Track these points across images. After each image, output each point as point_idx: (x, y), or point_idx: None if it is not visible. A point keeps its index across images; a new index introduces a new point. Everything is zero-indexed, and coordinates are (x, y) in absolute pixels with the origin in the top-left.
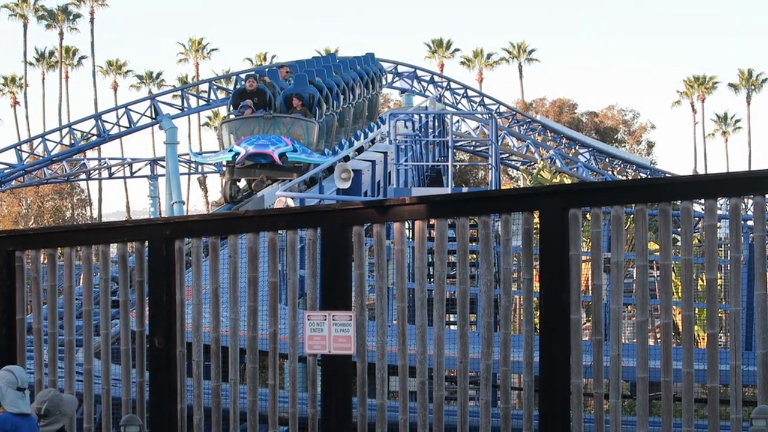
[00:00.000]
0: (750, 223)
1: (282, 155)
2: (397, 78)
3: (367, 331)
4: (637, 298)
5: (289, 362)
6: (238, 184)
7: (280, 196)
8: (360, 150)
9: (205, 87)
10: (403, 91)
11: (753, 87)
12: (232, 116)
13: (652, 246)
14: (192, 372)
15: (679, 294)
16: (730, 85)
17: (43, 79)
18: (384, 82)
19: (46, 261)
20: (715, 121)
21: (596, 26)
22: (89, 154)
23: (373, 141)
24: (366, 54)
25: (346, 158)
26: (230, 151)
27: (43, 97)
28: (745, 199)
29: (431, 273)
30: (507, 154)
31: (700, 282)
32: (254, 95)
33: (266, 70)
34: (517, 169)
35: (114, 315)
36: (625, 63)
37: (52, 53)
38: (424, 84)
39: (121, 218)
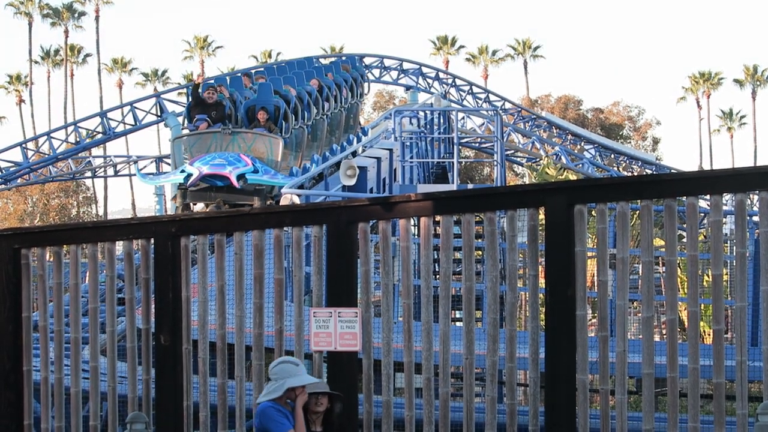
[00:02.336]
0: (756, 218)
1: (240, 177)
2: (402, 75)
3: (372, 328)
4: (643, 294)
5: None
6: (192, 208)
7: (285, 193)
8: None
9: None
10: (408, 87)
11: (758, 83)
12: (186, 131)
13: (658, 242)
14: (198, 369)
15: (685, 290)
16: (735, 80)
17: (49, 77)
18: (367, 89)
19: (51, 259)
20: (720, 117)
21: (601, 23)
22: (95, 151)
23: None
24: (348, 57)
25: (354, 153)
26: (182, 171)
27: (49, 95)
28: (751, 195)
29: (437, 269)
30: (512, 151)
31: (705, 278)
32: (213, 107)
33: (227, 78)
34: (523, 165)
35: (120, 312)
36: (631, 59)
37: (57, 51)
38: (430, 81)
39: (126, 216)
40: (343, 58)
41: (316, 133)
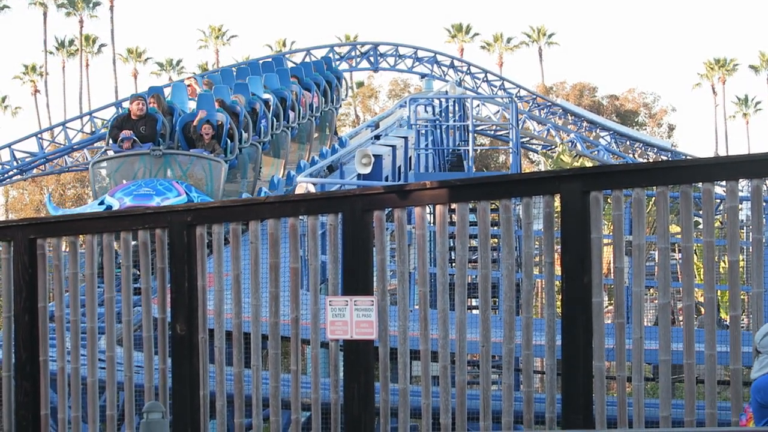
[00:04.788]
0: None
1: None
2: (417, 63)
3: (389, 316)
4: (659, 281)
5: (311, 348)
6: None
7: (300, 182)
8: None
9: None
10: (423, 75)
11: None
12: (110, 152)
13: (674, 228)
14: (214, 358)
15: (701, 276)
16: (751, 66)
17: (64, 67)
18: (344, 94)
19: (68, 249)
20: (735, 103)
21: (616, 9)
22: None
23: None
24: (321, 58)
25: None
26: (101, 203)
27: (64, 85)
28: (767, 181)
29: (453, 257)
30: (527, 138)
31: (722, 264)
32: (141, 123)
33: (168, 87)
34: (538, 152)
35: (136, 302)
36: (646, 46)
37: (72, 41)
38: (444, 68)
39: None
40: (318, 58)
41: (278, 149)
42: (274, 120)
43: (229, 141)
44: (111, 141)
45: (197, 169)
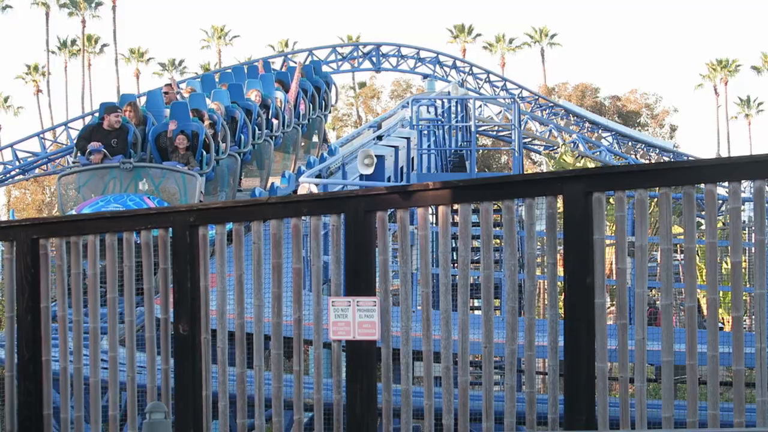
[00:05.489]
0: None
1: None
2: (419, 63)
3: (391, 317)
4: (662, 282)
5: (313, 348)
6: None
7: (303, 182)
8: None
9: None
10: (425, 76)
11: None
12: (77, 165)
13: (676, 229)
14: (217, 359)
15: (704, 277)
16: (753, 67)
17: (66, 67)
18: (334, 99)
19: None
20: (738, 104)
21: (618, 10)
22: None
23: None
24: (310, 62)
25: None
26: None
27: (66, 85)
28: None
29: (455, 258)
30: (530, 139)
31: (724, 265)
32: (112, 134)
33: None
34: (540, 153)
35: (138, 302)
36: (648, 46)
37: (74, 41)
38: (447, 69)
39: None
40: (308, 62)
41: (261, 159)
42: (256, 129)
43: (204, 152)
44: (79, 153)
45: (170, 183)
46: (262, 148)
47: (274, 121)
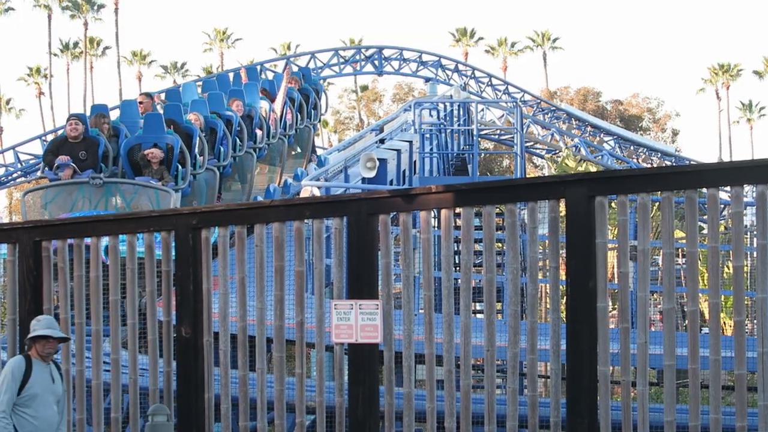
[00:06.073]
0: None
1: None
2: (421, 67)
3: (393, 320)
4: (664, 286)
5: (316, 351)
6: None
7: (305, 186)
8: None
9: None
10: (427, 79)
11: None
12: (44, 181)
13: (679, 233)
14: (219, 361)
15: (706, 281)
16: (755, 72)
17: (68, 69)
18: (324, 108)
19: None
20: (739, 109)
21: (620, 14)
22: None
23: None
24: (299, 69)
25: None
26: None
27: (68, 87)
28: None
29: (458, 261)
30: (532, 143)
31: (726, 269)
32: (80, 147)
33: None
34: (542, 157)
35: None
36: (650, 51)
37: (76, 44)
38: (449, 72)
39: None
40: (294, 69)
41: (242, 172)
42: (237, 140)
43: (180, 167)
44: (47, 168)
45: (143, 200)
46: (243, 161)
47: (258, 132)
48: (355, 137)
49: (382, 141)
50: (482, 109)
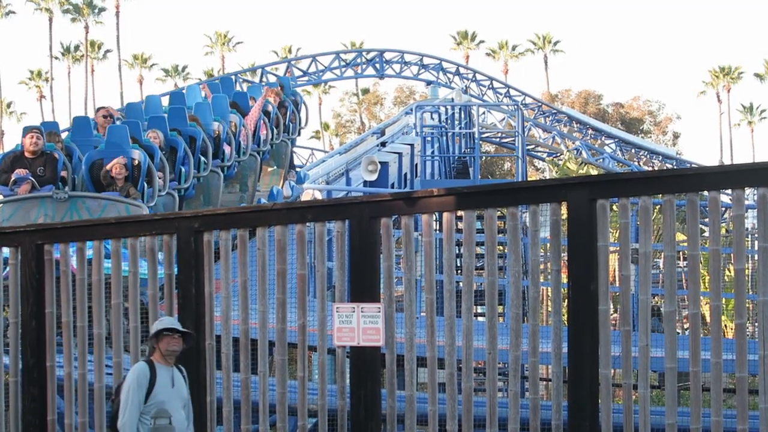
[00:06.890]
0: None
1: None
2: (422, 70)
3: (395, 323)
4: (666, 289)
5: (318, 354)
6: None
7: (307, 189)
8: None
9: None
10: (428, 82)
11: None
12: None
13: (680, 236)
14: (221, 364)
15: (707, 284)
16: (756, 75)
17: (69, 72)
18: (305, 121)
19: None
20: (740, 111)
21: (621, 17)
22: None
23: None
24: (278, 78)
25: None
26: None
27: (69, 90)
28: None
29: (459, 264)
30: (533, 146)
31: (727, 272)
32: (38, 161)
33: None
34: (544, 160)
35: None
36: (651, 54)
37: (77, 47)
38: (450, 76)
39: None
40: (272, 79)
41: (207, 194)
42: (201, 159)
43: (146, 185)
44: (1, 185)
45: (111, 215)
46: (208, 181)
47: (226, 149)
48: (356, 140)
49: (383, 144)
50: (483, 112)
